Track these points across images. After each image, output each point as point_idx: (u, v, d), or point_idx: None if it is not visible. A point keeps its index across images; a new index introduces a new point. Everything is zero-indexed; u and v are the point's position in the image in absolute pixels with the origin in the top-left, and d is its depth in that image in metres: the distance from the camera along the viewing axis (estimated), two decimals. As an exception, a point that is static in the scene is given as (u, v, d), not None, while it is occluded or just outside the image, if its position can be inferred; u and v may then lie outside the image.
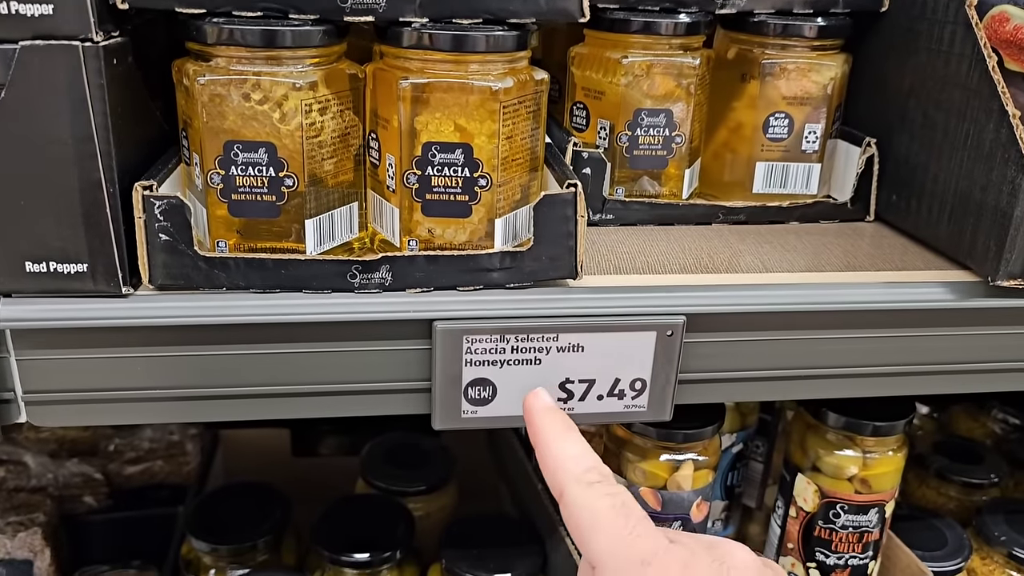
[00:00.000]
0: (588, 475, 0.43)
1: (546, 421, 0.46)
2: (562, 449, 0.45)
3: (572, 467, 0.43)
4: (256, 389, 0.52)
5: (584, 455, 0.44)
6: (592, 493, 0.42)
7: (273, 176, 0.49)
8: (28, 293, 0.49)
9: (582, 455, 0.44)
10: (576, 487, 0.43)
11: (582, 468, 0.43)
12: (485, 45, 0.49)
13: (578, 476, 0.43)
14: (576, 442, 0.45)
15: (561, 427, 0.46)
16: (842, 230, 0.66)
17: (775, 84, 0.64)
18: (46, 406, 0.52)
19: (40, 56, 0.45)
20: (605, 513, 0.41)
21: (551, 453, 0.45)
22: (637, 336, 0.53)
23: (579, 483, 0.43)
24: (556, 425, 0.46)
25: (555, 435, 0.45)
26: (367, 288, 0.51)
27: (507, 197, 0.52)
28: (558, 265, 0.52)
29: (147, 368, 0.51)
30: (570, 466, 0.43)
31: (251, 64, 0.48)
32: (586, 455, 0.44)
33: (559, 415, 0.46)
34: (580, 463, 0.44)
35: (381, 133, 0.52)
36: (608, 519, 0.41)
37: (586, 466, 0.43)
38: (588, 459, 0.44)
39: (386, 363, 0.53)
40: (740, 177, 0.67)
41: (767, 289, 0.55)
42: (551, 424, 0.46)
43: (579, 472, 0.43)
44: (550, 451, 0.45)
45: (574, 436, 0.45)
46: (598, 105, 0.64)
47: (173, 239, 0.49)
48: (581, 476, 0.43)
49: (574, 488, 0.43)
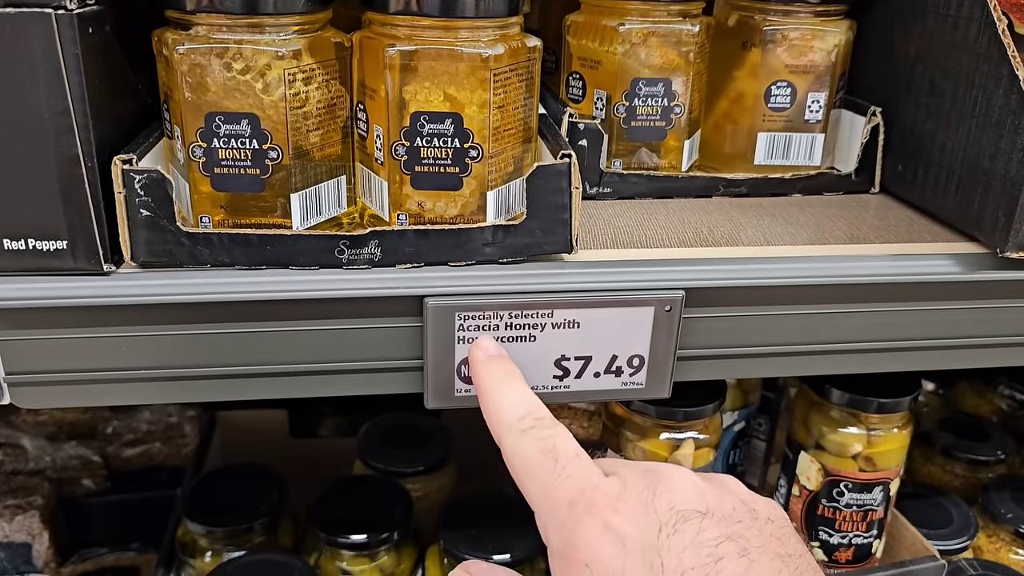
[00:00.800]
0: (522, 422, 0.43)
1: (485, 370, 0.46)
2: (499, 397, 0.44)
3: (507, 415, 0.43)
4: (242, 368, 0.51)
5: (520, 402, 0.44)
6: (524, 439, 0.42)
7: (257, 149, 0.48)
8: (7, 272, 0.48)
9: (518, 402, 0.44)
10: (510, 435, 0.42)
11: (516, 415, 0.43)
12: (475, 10, 0.47)
13: (511, 423, 0.43)
14: (513, 389, 0.44)
15: (500, 375, 0.45)
16: (846, 202, 0.65)
17: (777, 52, 0.62)
18: (30, 387, 0.51)
19: (12, 25, 0.43)
20: (535, 458, 0.41)
21: (488, 403, 0.44)
22: (634, 312, 0.52)
23: (512, 430, 0.42)
24: (495, 372, 0.45)
25: (493, 383, 0.45)
26: (356, 264, 0.50)
27: (499, 169, 0.51)
28: (552, 239, 0.51)
29: (131, 347, 0.50)
30: (505, 414, 0.43)
31: (232, 32, 0.46)
32: (522, 402, 0.44)
33: (500, 363, 0.46)
34: (515, 410, 0.43)
35: (369, 104, 0.50)
36: (537, 464, 0.41)
37: (520, 413, 0.43)
38: (524, 406, 0.43)
39: (376, 341, 0.51)
40: (741, 148, 0.65)
41: (768, 263, 0.54)
42: (490, 373, 0.45)
43: (513, 419, 0.43)
44: (488, 401, 0.44)
45: (512, 383, 0.45)
46: (594, 75, 0.62)
47: (155, 215, 0.47)
48: (515, 423, 0.43)
49: (508, 436, 0.42)
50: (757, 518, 0.39)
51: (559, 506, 0.39)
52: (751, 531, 0.38)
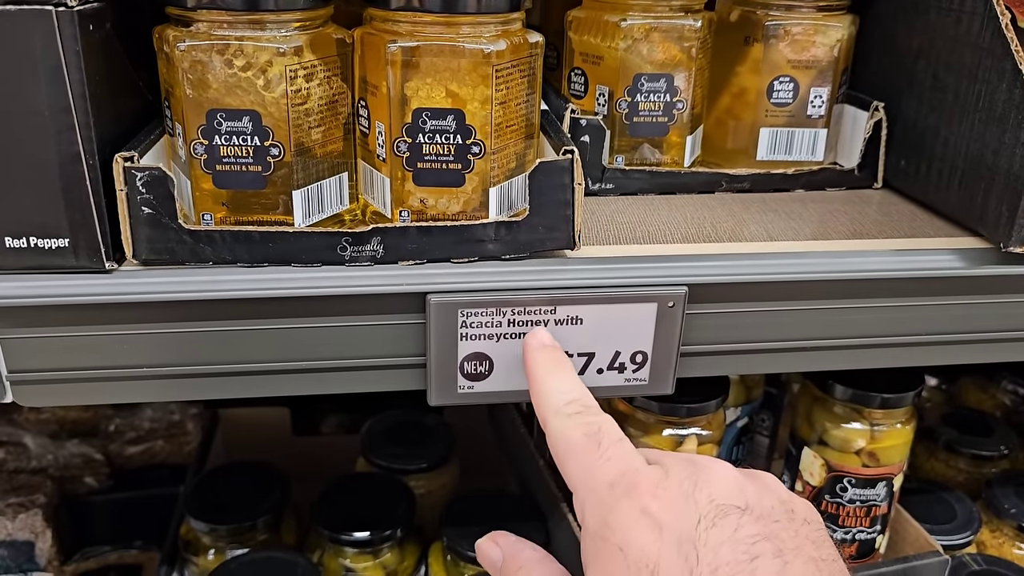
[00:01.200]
0: (569, 407, 0.43)
1: (538, 357, 0.47)
2: (549, 383, 0.45)
3: (555, 400, 0.44)
4: (244, 366, 0.51)
5: (569, 389, 0.44)
6: (569, 423, 0.43)
7: (258, 146, 0.48)
8: (9, 270, 0.48)
9: (568, 389, 0.44)
10: (556, 418, 0.43)
11: (564, 400, 0.44)
12: (477, 6, 0.47)
13: (558, 408, 0.43)
14: (564, 377, 0.45)
15: (551, 363, 0.46)
16: (849, 197, 0.65)
17: (779, 47, 0.62)
18: (32, 385, 0.50)
19: (12, 22, 0.43)
20: (578, 440, 0.42)
21: (538, 388, 0.45)
22: (637, 308, 0.52)
23: (558, 414, 0.43)
24: (547, 361, 0.46)
25: (545, 370, 0.46)
26: (358, 261, 0.50)
27: (501, 165, 0.50)
28: (555, 235, 0.51)
29: (133, 345, 0.50)
30: (553, 399, 0.44)
31: (233, 29, 0.46)
32: (571, 389, 0.44)
33: (552, 352, 0.47)
34: (562, 396, 0.44)
35: (370, 100, 0.50)
36: (580, 446, 0.41)
37: (568, 398, 0.44)
38: (572, 392, 0.44)
39: (379, 338, 0.51)
40: (743, 144, 0.65)
41: (771, 258, 0.53)
42: (542, 360, 0.46)
43: (560, 404, 0.44)
44: (538, 386, 0.45)
45: (563, 371, 0.46)
46: (596, 71, 0.62)
47: (156, 212, 0.47)
48: (561, 408, 0.43)
49: (553, 419, 0.43)
50: (794, 519, 0.39)
51: (598, 487, 0.40)
52: (787, 531, 0.38)
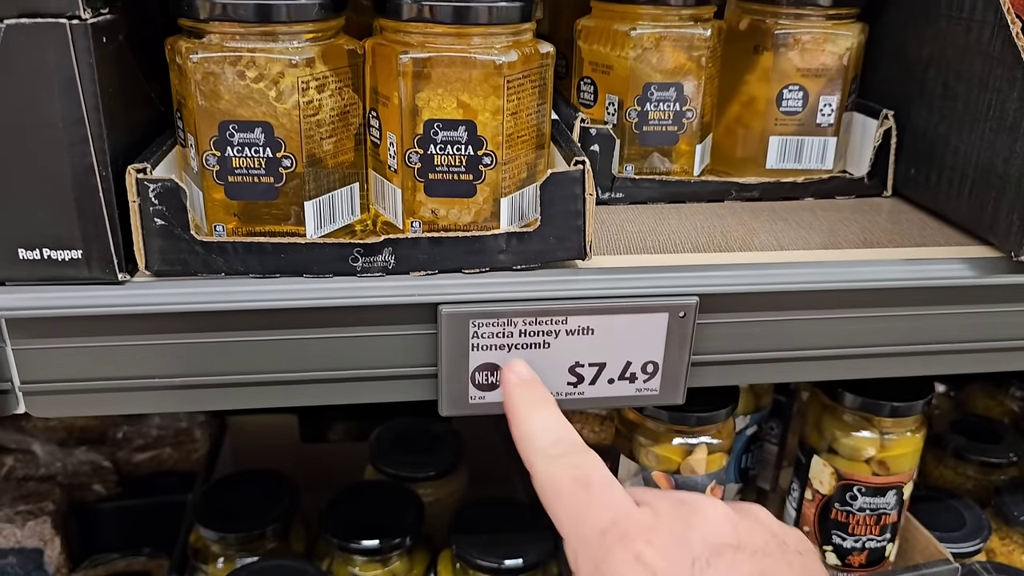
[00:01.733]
0: (554, 447, 0.42)
1: (517, 394, 0.45)
2: (532, 422, 0.44)
3: (539, 440, 0.43)
4: (256, 376, 0.51)
5: (552, 427, 0.43)
6: (555, 465, 0.41)
7: (270, 157, 0.48)
8: (22, 281, 0.48)
9: (550, 427, 0.43)
10: (541, 460, 0.42)
11: (548, 440, 0.42)
12: (488, 17, 0.47)
13: (543, 448, 0.42)
14: (546, 414, 0.44)
15: (532, 399, 0.45)
16: (859, 205, 0.64)
17: (789, 56, 0.62)
18: (45, 396, 0.51)
19: (26, 35, 0.43)
20: (566, 485, 0.41)
21: (520, 427, 0.44)
22: (649, 318, 0.52)
23: (543, 456, 0.42)
24: (527, 398, 0.45)
25: (526, 408, 0.44)
26: (369, 272, 0.50)
27: (513, 176, 0.51)
28: (566, 246, 0.51)
29: (145, 356, 0.50)
30: (536, 440, 0.43)
31: (245, 40, 0.46)
32: (554, 427, 0.43)
33: (532, 388, 0.45)
34: (547, 436, 0.43)
35: (382, 111, 0.50)
36: (569, 491, 0.40)
37: (553, 438, 0.43)
38: (556, 431, 0.43)
39: (390, 348, 0.51)
40: (753, 152, 0.65)
41: (782, 268, 0.53)
42: (522, 397, 0.45)
43: (545, 444, 0.42)
44: (520, 426, 0.44)
45: (546, 407, 0.44)
46: (606, 80, 0.62)
47: (169, 223, 0.47)
48: (546, 448, 0.42)
49: (539, 461, 0.42)
50: (787, 551, 0.39)
51: (590, 534, 0.39)
52: (781, 564, 0.38)
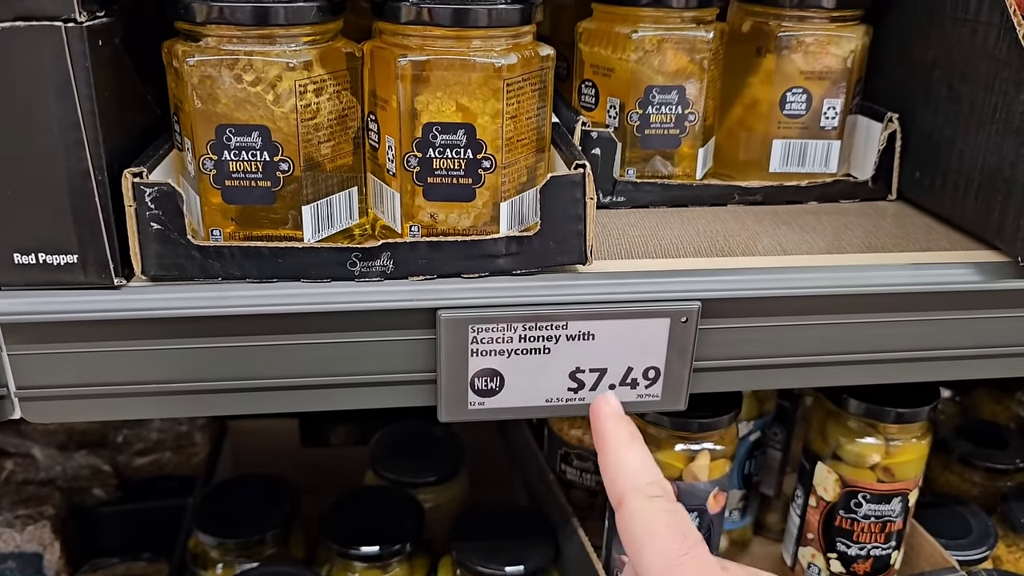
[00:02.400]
0: (650, 488, 0.42)
1: (612, 428, 0.45)
2: (626, 458, 0.44)
3: (634, 478, 0.43)
4: (254, 382, 0.51)
5: (648, 467, 0.43)
6: (651, 506, 0.41)
7: (268, 161, 0.47)
8: (18, 286, 0.47)
9: (646, 467, 0.43)
10: (636, 498, 0.42)
11: (645, 480, 0.43)
12: (487, 19, 0.47)
13: (639, 487, 0.42)
14: (640, 453, 0.44)
15: (627, 436, 0.45)
16: (863, 209, 0.64)
17: (792, 58, 0.61)
18: (41, 402, 0.50)
19: (21, 38, 0.43)
20: (661, 529, 0.40)
21: (614, 461, 0.44)
22: (650, 323, 0.51)
23: (639, 494, 0.42)
24: (622, 433, 0.45)
25: (620, 443, 0.44)
26: (368, 276, 0.49)
27: (512, 180, 0.50)
28: (566, 250, 0.50)
29: (142, 361, 0.49)
30: (633, 477, 0.43)
31: (243, 44, 0.46)
32: (649, 468, 0.43)
33: (626, 423, 0.46)
34: (643, 475, 0.43)
35: (380, 114, 0.50)
36: (664, 536, 0.40)
37: (649, 479, 0.43)
38: (651, 472, 0.43)
39: (389, 354, 0.51)
40: (756, 156, 0.64)
41: (785, 272, 0.53)
42: (617, 432, 0.45)
43: (641, 483, 0.42)
44: (613, 459, 0.44)
45: (639, 446, 0.45)
46: (607, 83, 0.61)
47: (165, 228, 0.47)
48: (643, 488, 0.42)
49: (634, 499, 0.42)
50: None
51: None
52: None
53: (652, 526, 0.41)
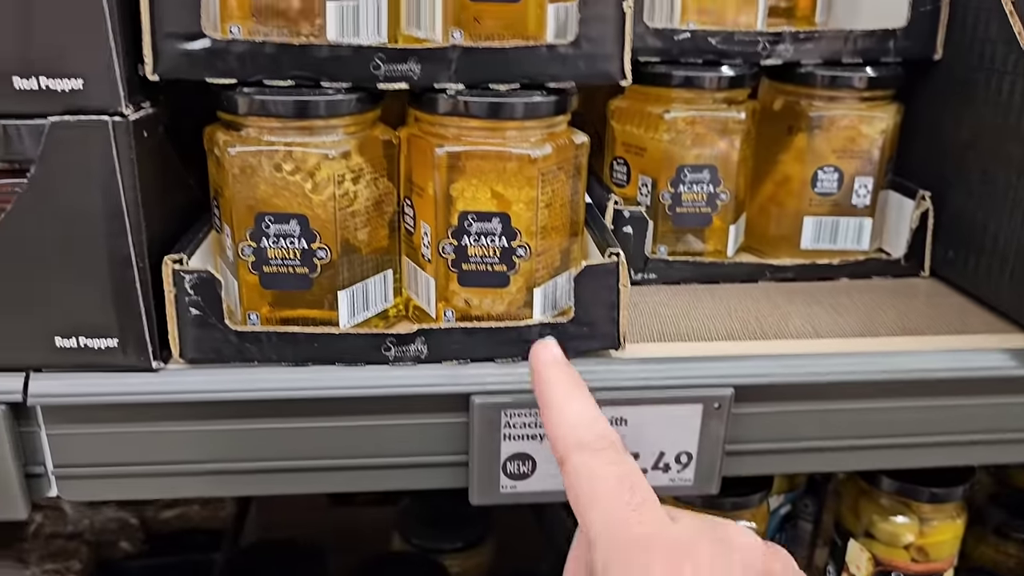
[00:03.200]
0: (596, 442, 0.39)
1: (555, 374, 0.42)
2: (570, 410, 0.41)
3: (579, 432, 0.40)
4: (289, 463, 0.51)
5: (592, 419, 0.41)
6: (597, 461, 0.39)
7: (305, 248, 0.48)
8: (58, 368, 0.48)
9: (590, 419, 0.40)
10: (581, 453, 0.39)
11: (589, 434, 0.40)
12: (523, 112, 0.47)
13: (584, 441, 0.39)
14: (585, 403, 0.41)
15: (570, 384, 0.42)
16: (896, 287, 0.64)
17: (823, 137, 0.62)
18: (77, 480, 0.51)
19: (70, 131, 0.44)
20: (609, 485, 0.38)
21: (557, 414, 0.41)
22: (683, 408, 0.51)
23: (584, 449, 0.39)
24: (565, 381, 0.42)
25: (563, 392, 0.42)
26: (402, 360, 0.50)
27: (546, 265, 0.50)
28: (600, 336, 0.50)
29: (178, 442, 0.50)
30: (577, 432, 0.40)
31: (283, 134, 0.47)
32: (594, 419, 0.41)
33: (568, 370, 0.43)
34: (587, 428, 0.40)
35: (416, 200, 0.50)
36: (611, 492, 0.38)
37: (595, 432, 0.40)
38: (596, 424, 0.40)
39: (422, 437, 0.51)
40: (787, 232, 0.64)
41: (818, 358, 0.53)
42: (559, 379, 0.42)
43: (586, 438, 0.39)
44: (556, 412, 0.41)
45: (583, 395, 0.42)
46: (639, 161, 0.62)
47: (204, 313, 0.48)
48: (588, 442, 0.39)
49: (578, 454, 0.39)
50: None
51: (628, 545, 0.36)
52: None
53: (597, 482, 0.38)
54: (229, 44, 0.45)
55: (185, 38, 0.45)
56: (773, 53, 0.60)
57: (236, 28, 0.46)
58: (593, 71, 0.48)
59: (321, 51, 0.46)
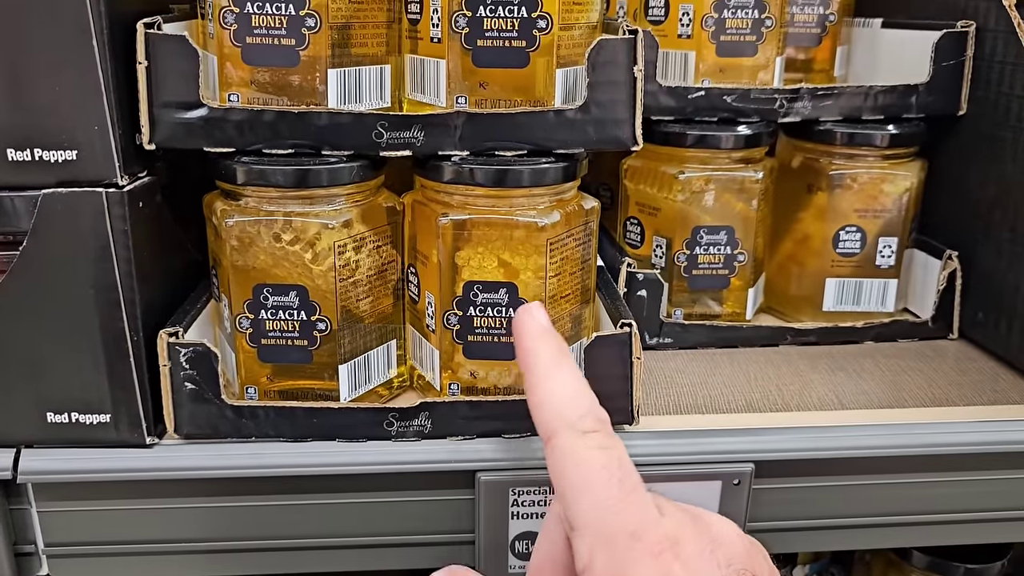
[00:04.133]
0: (583, 421, 0.37)
1: (540, 344, 0.39)
2: (556, 385, 0.38)
3: (566, 410, 0.37)
4: (288, 542, 0.49)
5: (580, 396, 0.38)
6: (584, 444, 0.36)
7: (304, 320, 0.46)
8: (49, 444, 0.46)
9: (578, 395, 0.38)
10: (567, 435, 0.36)
11: (577, 413, 0.37)
12: (530, 179, 0.46)
13: (571, 421, 0.37)
14: (572, 377, 0.38)
15: (556, 355, 0.39)
16: (923, 350, 0.61)
17: (845, 196, 0.60)
18: (68, 559, 0.49)
19: (62, 203, 0.43)
20: (597, 471, 0.35)
21: (543, 389, 0.38)
22: (701, 485, 0.48)
23: (571, 430, 0.36)
24: (550, 352, 0.39)
25: (549, 365, 0.39)
26: (405, 436, 0.48)
27: (556, 335, 0.48)
28: (613, 409, 0.47)
29: (172, 520, 0.48)
30: (564, 409, 0.37)
31: (282, 204, 0.45)
32: (582, 396, 0.38)
33: (555, 338, 0.40)
34: (575, 406, 0.37)
35: (420, 268, 0.49)
36: (600, 478, 0.35)
37: (582, 411, 0.37)
38: (584, 401, 0.38)
39: (426, 514, 0.49)
40: (808, 292, 0.62)
41: (843, 431, 0.50)
42: (543, 350, 0.39)
43: (573, 417, 0.37)
44: (542, 385, 0.38)
45: (569, 369, 0.39)
46: (654, 221, 0.60)
47: (199, 387, 0.46)
48: (575, 422, 0.37)
49: (565, 435, 0.36)
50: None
51: (615, 533, 0.35)
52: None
53: (586, 467, 0.36)
54: (227, 112, 0.44)
55: (182, 107, 0.44)
56: (791, 111, 0.58)
57: (235, 96, 0.45)
58: (603, 136, 0.46)
59: (321, 119, 0.45)
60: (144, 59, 0.43)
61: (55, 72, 0.41)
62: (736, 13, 0.58)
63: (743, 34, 0.58)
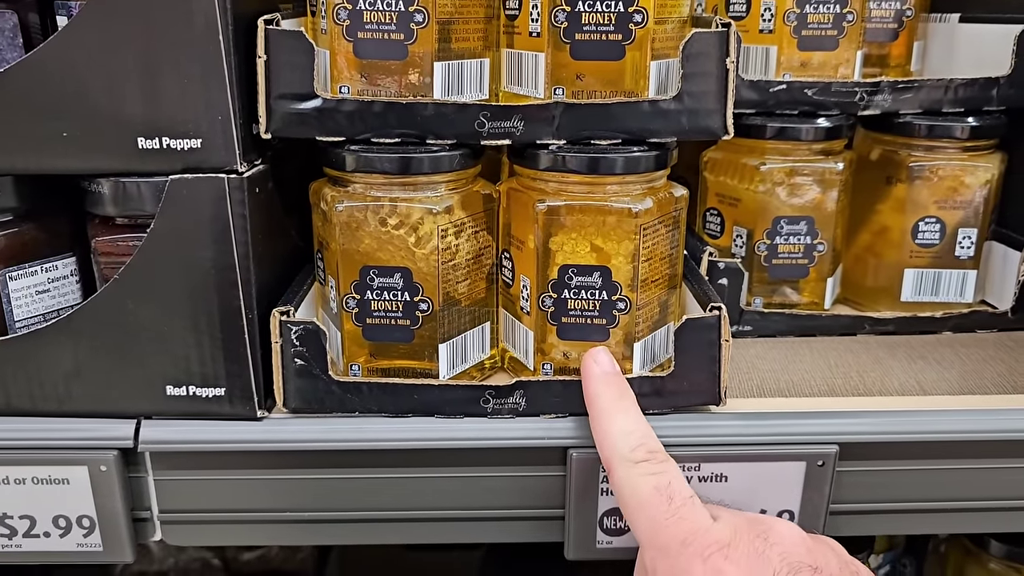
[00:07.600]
0: (635, 453, 0.43)
1: (601, 388, 0.46)
2: (613, 422, 0.45)
3: (620, 443, 0.44)
4: (387, 513, 0.51)
5: (634, 430, 0.44)
6: (636, 472, 0.43)
7: (408, 300, 0.49)
8: (167, 415, 0.49)
9: (632, 430, 0.44)
10: (622, 466, 0.43)
11: (630, 445, 0.44)
12: (624, 167, 0.47)
13: (625, 454, 0.43)
14: (628, 415, 0.45)
15: (616, 396, 0.46)
16: (1002, 341, 0.61)
17: (924, 187, 0.60)
18: (180, 525, 0.52)
19: (187, 188, 0.46)
20: (648, 494, 0.42)
21: (603, 427, 0.45)
22: (785, 466, 0.50)
23: (625, 461, 0.43)
24: (611, 394, 0.46)
25: (611, 406, 0.45)
26: (500, 413, 0.50)
27: (646, 319, 0.50)
28: (701, 391, 0.50)
29: (279, 490, 0.51)
30: (619, 442, 0.44)
31: (388, 190, 0.48)
32: (636, 430, 0.44)
33: (616, 382, 0.46)
34: (628, 441, 0.44)
35: (515, 253, 0.51)
36: (651, 500, 0.42)
37: (634, 443, 0.44)
38: (637, 435, 0.44)
39: (518, 489, 0.51)
40: (885, 283, 0.63)
41: (925, 415, 0.51)
42: (606, 392, 0.46)
43: (626, 450, 0.43)
44: (603, 424, 0.45)
45: (627, 407, 0.45)
46: (734, 212, 0.62)
47: (308, 364, 0.49)
48: (628, 454, 0.43)
49: (620, 467, 0.43)
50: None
51: (670, 545, 0.41)
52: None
53: (638, 493, 0.42)
54: (339, 103, 0.47)
55: (298, 98, 0.47)
56: (871, 104, 0.59)
57: (346, 88, 0.47)
58: (695, 126, 0.48)
59: (427, 109, 0.47)
60: (263, 53, 0.46)
61: (184, 66, 0.44)
62: (818, 8, 0.59)
63: (824, 29, 0.59)
